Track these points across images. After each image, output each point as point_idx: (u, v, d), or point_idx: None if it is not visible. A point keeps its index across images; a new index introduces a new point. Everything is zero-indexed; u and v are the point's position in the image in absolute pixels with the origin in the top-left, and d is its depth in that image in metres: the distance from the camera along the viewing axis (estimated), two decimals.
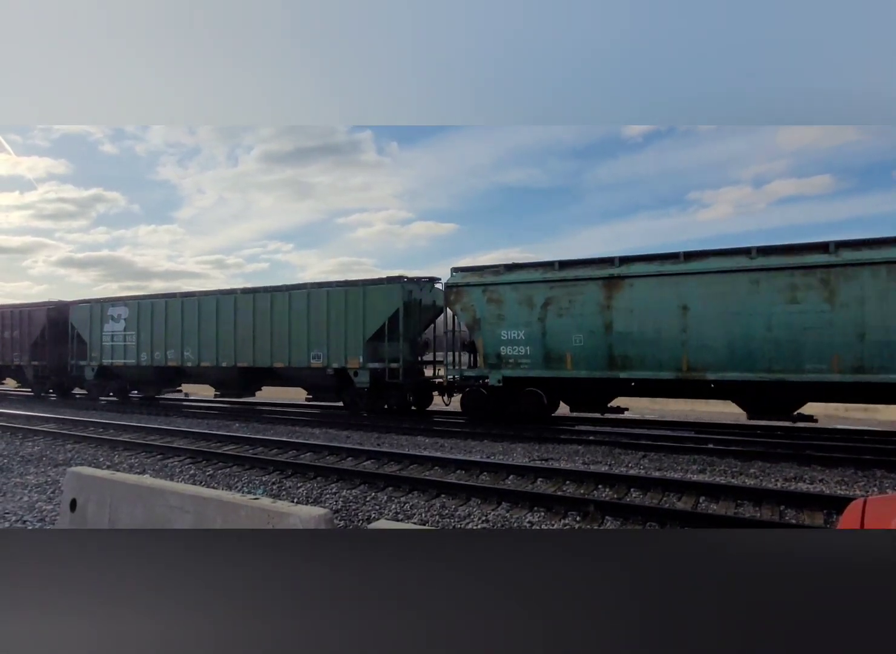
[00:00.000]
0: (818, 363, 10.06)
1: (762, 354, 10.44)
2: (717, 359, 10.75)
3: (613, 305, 11.53)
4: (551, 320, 12.08)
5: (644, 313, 11.29)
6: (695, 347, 10.91)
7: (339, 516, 6.89)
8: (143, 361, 18.34)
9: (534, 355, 12.28)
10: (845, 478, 8.40)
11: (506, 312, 12.55)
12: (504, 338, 12.56)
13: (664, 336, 11.14)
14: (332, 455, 10.37)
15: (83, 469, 5.26)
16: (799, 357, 10.19)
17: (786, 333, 10.25)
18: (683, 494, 7.50)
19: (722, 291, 10.72)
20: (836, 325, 9.91)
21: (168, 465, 9.87)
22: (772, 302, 10.36)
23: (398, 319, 13.88)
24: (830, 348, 9.97)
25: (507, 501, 7.30)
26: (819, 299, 10.05)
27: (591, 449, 10.63)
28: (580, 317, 11.83)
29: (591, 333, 11.73)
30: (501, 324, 12.58)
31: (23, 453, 10.91)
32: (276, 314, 15.58)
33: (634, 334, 11.37)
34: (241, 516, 3.85)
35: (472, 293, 12.96)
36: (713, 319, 10.75)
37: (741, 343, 10.59)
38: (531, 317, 12.29)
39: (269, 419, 15.28)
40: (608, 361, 11.60)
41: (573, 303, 11.91)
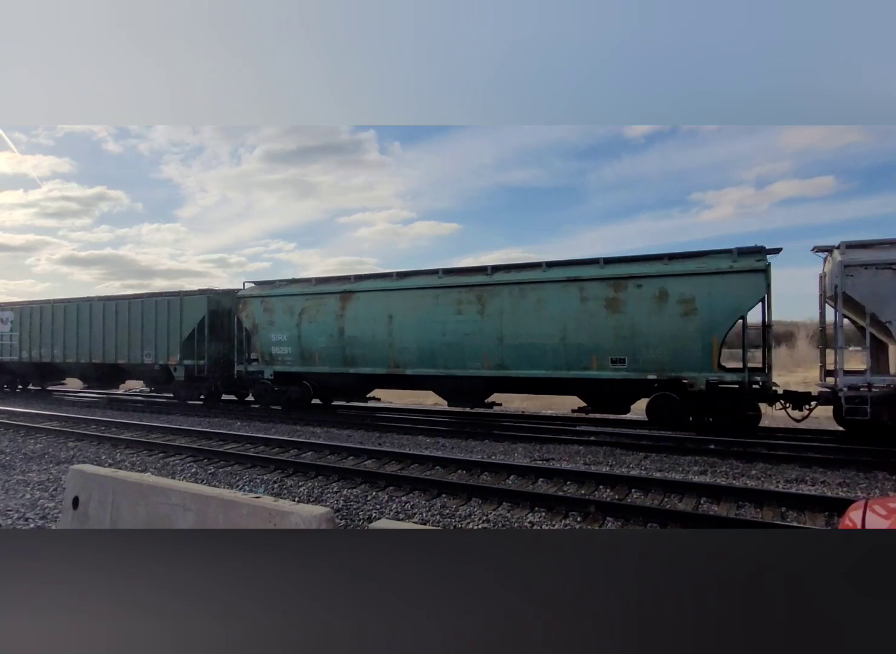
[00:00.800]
0: (475, 361, 13.25)
1: (440, 354, 13.62)
2: (412, 358, 14.01)
3: (346, 315, 14.82)
4: (305, 326, 15.41)
5: (366, 321, 14.54)
6: (398, 348, 14.15)
7: (340, 515, 6.90)
8: (24, 357, 22.04)
9: (294, 354, 15.67)
10: (847, 480, 8.39)
11: (275, 319, 15.94)
12: (274, 340, 15.96)
13: (378, 339, 14.40)
14: (333, 454, 10.40)
15: (86, 467, 5.27)
16: (463, 356, 13.35)
17: (454, 337, 13.41)
18: (685, 495, 7.50)
19: (415, 304, 13.93)
20: (484, 332, 13.06)
21: (169, 463, 9.89)
22: (446, 313, 13.51)
23: (205, 324, 17.49)
24: (481, 349, 13.13)
25: (508, 501, 7.31)
26: (475, 312, 13.18)
27: (592, 450, 10.63)
28: (324, 324, 15.14)
29: (330, 336, 15.03)
30: (272, 329, 16.00)
31: (25, 451, 10.95)
32: (120, 319, 19.14)
33: (359, 337, 14.65)
34: (242, 514, 3.86)
35: (253, 304, 16.32)
36: (409, 327, 13.96)
37: (427, 345, 13.76)
38: (292, 323, 15.63)
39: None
40: (343, 359, 14.96)
41: (319, 312, 15.22)
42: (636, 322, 11.67)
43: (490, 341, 12.98)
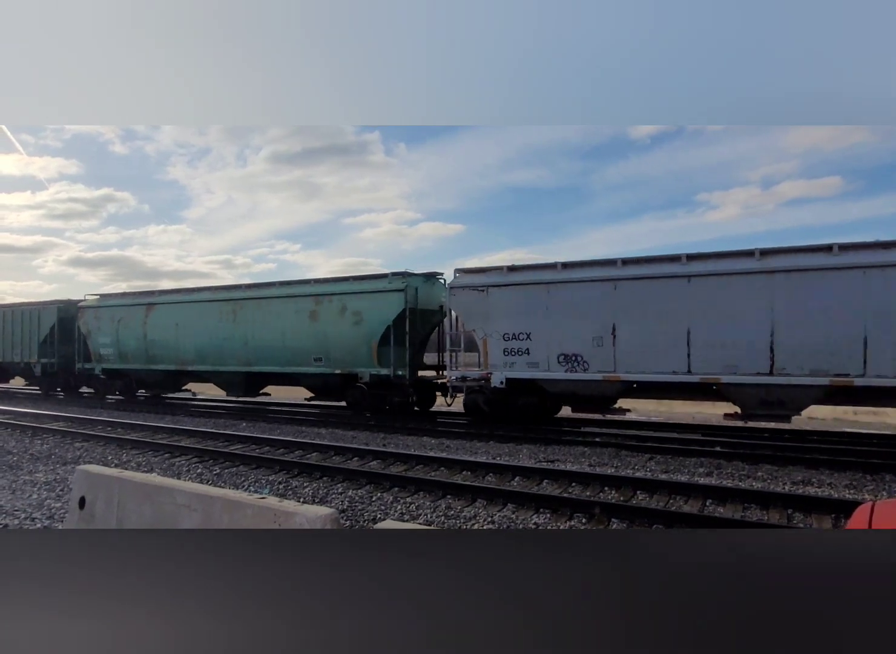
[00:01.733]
0: (233, 360, 16.91)
1: (210, 354, 17.40)
2: (192, 357, 17.84)
3: (148, 323, 18.80)
4: (122, 331, 19.48)
5: (162, 328, 18.44)
6: (182, 350, 18.00)
7: (345, 516, 6.91)
8: None
9: (115, 354, 19.82)
10: (854, 482, 8.34)
11: (102, 326, 20.02)
12: (101, 343, 20.07)
13: (169, 343, 18.26)
14: (338, 455, 10.42)
15: (92, 467, 5.29)
16: (224, 356, 17.06)
17: (219, 341, 17.09)
18: (690, 496, 7.47)
19: (193, 315, 17.74)
20: (237, 337, 16.76)
21: (175, 463, 9.92)
22: (213, 322, 17.17)
23: (55, 330, 21.52)
24: (236, 350, 16.82)
25: (512, 502, 7.30)
26: (231, 321, 16.90)
27: (597, 451, 10.61)
28: (134, 329, 19.16)
29: (138, 339, 19.05)
30: (100, 334, 20.06)
31: (32, 451, 11.00)
32: (5, 324, 23.22)
33: (157, 340, 18.57)
34: (247, 515, 3.87)
35: (88, 313, 20.49)
36: (189, 333, 17.74)
37: (201, 347, 17.58)
38: (113, 329, 19.72)
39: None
40: (147, 358, 18.99)
41: (131, 320, 19.25)
42: (328, 330, 15.17)
43: (241, 344, 16.72)
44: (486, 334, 12.96)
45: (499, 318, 12.78)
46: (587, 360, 11.88)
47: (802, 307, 10.13)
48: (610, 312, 11.61)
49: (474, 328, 13.17)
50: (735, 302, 10.59)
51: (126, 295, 20.52)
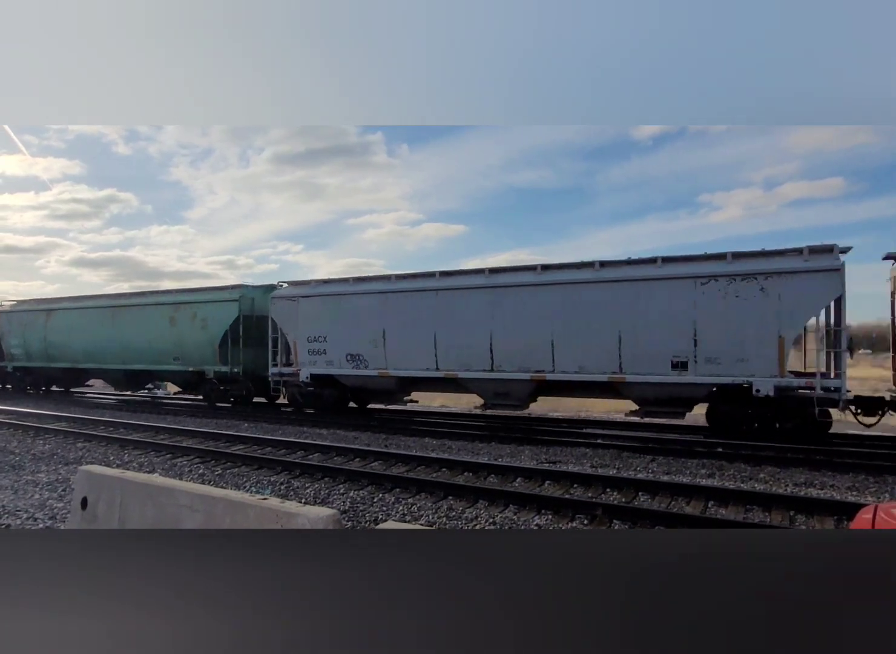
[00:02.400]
0: (115, 359, 19.67)
1: (96, 354, 20.05)
2: (81, 356, 20.55)
3: (48, 326, 21.56)
4: (28, 334, 22.23)
5: (59, 331, 21.18)
6: (73, 349, 20.73)
7: (346, 517, 6.90)
8: None
9: (23, 353, 22.62)
10: (856, 484, 8.32)
11: (13, 329, 22.83)
12: (13, 344, 22.89)
13: (64, 343, 21.00)
14: (339, 456, 10.42)
15: (94, 468, 5.30)
16: (106, 355, 19.82)
17: (102, 343, 19.79)
18: (692, 498, 7.46)
19: (82, 318, 20.40)
20: (116, 339, 19.40)
21: (177, 464, 9.93)
22: (98, 326, 19.94)
23: None
24: (117, 350, 19.46)
25: (514, 503, 7.28)
26: (111, 326, 19.63)
27: (598, 452, 10.59)
28: (37, 332, 21.85)
29: (40, 341, 21.76)
30: (12, 336, 22.87)
31: (35, 451, 11.01)
32: None
33: (55, 342, 21.32)
34: (249, 515, 3.86)
35: (3, 317, 23.08)
36: (80, 335, 20.47)
37: (89, 348, 20.22)
38: (21, 332, 22.49)
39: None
40: (47, 357, 21.76)
41: (35, 324, 22.00)
42: (183, 333, 17.88)
43: (119, 345, 19.35)
44: (296, 337, 15.65)
45: (305, 324, 15.44)
46: (367, 359, 14.56)
47: (512, 317, 12.65)
48: (382, 319, 14.23)
49: (288, 332, 15.80)
50: (467, 313, 13.17)
51: (30, 301, 23.77)
